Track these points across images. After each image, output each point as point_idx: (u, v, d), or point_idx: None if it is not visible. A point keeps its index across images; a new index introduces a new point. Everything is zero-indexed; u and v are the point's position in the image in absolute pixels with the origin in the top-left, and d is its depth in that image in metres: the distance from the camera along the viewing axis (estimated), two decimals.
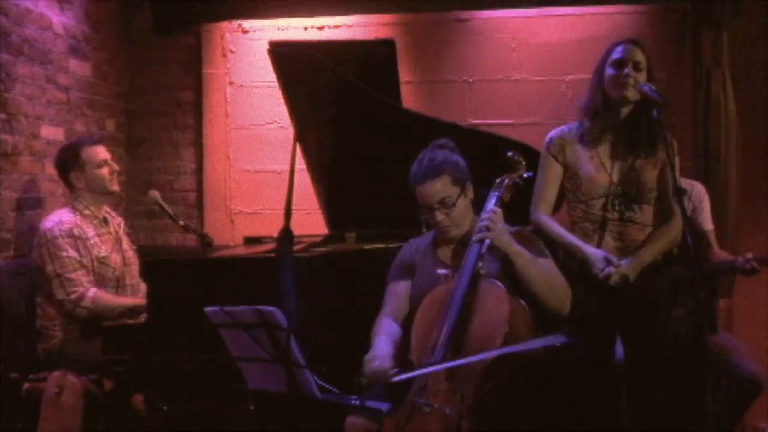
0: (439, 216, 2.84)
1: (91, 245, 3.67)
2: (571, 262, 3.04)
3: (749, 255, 3.43)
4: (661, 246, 3.05)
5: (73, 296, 3.55)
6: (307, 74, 3.46)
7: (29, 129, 4.12)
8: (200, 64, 5.13)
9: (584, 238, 3.05)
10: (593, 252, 2.99)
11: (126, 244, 3.91)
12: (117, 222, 3.93)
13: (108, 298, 3.63)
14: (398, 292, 2.96)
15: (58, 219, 3.66)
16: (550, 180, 3.14)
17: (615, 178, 3.03)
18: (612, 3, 4.70)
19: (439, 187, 2.81)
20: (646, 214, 3.06)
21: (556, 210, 3.26)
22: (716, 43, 4.42)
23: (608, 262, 2.95)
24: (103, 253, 3.70)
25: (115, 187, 3.85)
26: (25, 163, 4.08)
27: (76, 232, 3.64)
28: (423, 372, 2.55)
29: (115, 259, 3.77)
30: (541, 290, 2.74)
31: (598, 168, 3.04)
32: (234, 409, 2.75)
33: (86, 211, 3.73)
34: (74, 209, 3.73)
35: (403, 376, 2.57)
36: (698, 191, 3.81)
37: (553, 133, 3.17)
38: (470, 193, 2.91)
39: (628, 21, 4.65)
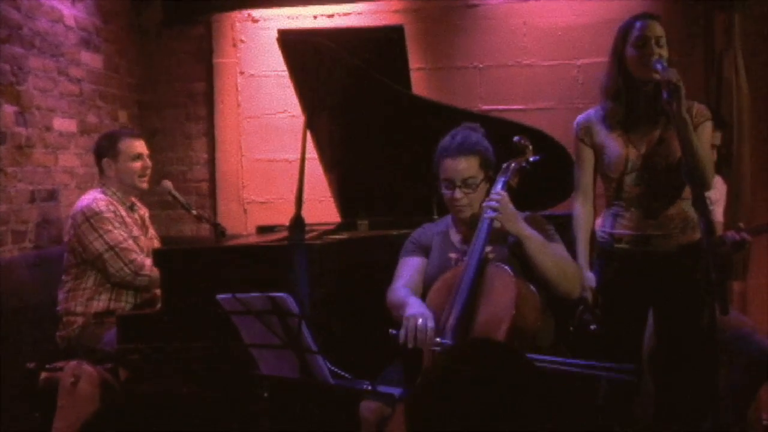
0: (459, 194, 2.85)
1: (126, 223, 3.71)
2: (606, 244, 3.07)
3: (740, 225, 3.40)
4: None
5: (132, 266, 3.57)
6: (316, 62, 3.45)
7: (42, 121, 4.14)
8: (211, 54, 5.14)
9: (617, 218, 3.06)
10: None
11: (152, 233, 3.95)
12: (143, 212, 3.96)
13: None
14: (413, 265, 2.96)
15: (93, 197, 3.69)
16: (584, 165, 3.15)
17: (642, 151, 3.01)
18: None
19: (468, 166, 2.84)
20: (677, 186, 3.02)
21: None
22: (728, 25, 4.39)
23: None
24: (135, 233, 3.74)
25: (144, 185, 3.84)
26: (39, 155, 4.11)
27: (112, 208, 3.68)
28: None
29: (144, 242, 3.80)
30: (552, 274, 2.75)
31: (626, 144, 3.03)
32: (248, 396, 2.77)
33: (114, 197, 3.76)
34: (104, 192, 3.75)
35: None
36: (718, 184, 3.77)
37: (579, 118, 3.18)
38: (491, 180, 2.92)
39: (639, 3, 4.61)
